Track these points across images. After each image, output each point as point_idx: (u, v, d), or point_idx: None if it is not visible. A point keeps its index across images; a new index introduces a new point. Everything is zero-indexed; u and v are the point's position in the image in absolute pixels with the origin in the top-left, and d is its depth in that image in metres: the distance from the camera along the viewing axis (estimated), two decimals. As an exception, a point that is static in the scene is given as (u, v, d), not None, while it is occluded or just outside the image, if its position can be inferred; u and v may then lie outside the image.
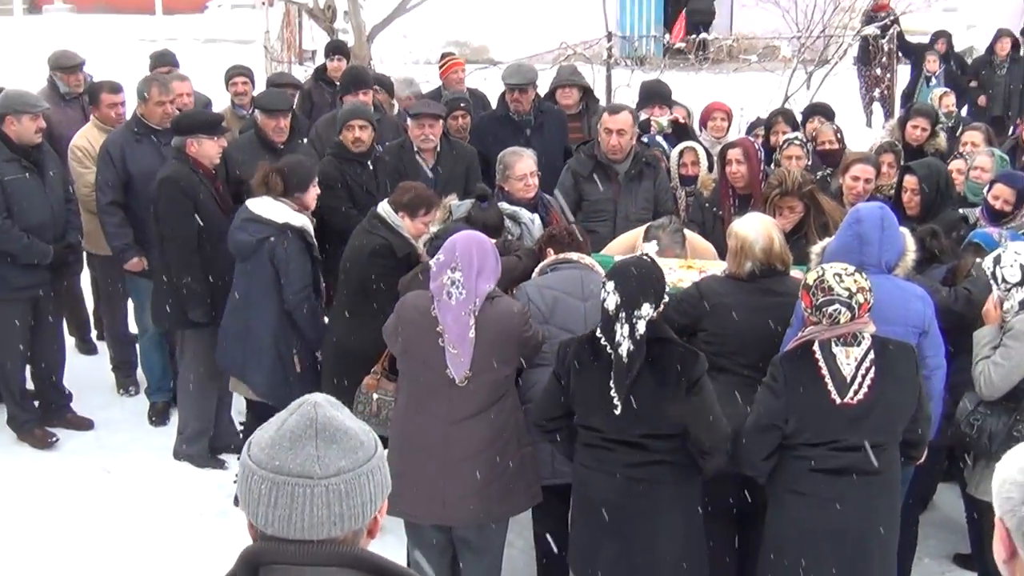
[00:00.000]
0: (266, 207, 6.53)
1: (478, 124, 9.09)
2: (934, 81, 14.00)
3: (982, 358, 5.42)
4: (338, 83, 10.15)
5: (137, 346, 8.47)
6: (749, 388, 5.18)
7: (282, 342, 6.64)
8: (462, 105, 9.08)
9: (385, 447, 2.89)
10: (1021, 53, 14.62)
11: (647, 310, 4.69)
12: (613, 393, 4.72)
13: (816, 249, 5.67)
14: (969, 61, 15.81)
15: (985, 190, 7.02)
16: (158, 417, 8.16)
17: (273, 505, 2.17)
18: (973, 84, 13.93)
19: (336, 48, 11.58)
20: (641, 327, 4.68)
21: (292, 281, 6.55)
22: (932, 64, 14.16)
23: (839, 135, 8.81)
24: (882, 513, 4.78)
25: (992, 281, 5.52)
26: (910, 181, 6.96)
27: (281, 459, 2.18)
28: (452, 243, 5.27)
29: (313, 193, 6.75)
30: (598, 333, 4.80)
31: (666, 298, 4.87)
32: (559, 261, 5.84)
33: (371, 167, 7.77)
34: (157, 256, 7.34)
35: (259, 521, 2.21)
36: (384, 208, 6.45)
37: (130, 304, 8.52)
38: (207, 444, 7.58)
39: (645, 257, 5.01)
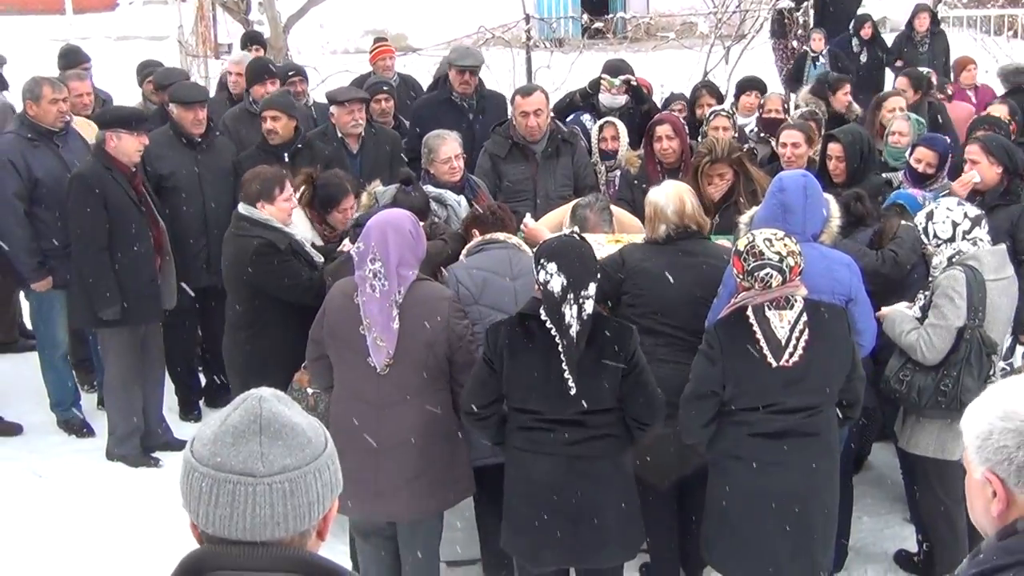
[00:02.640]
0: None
1: (419, 107, 9.06)
2: (821, 60, 13.90)
3: (912, 329, 5.46)
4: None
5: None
6: (675, 348, 5.28)
7: None
8: (385, 89, 9.02)
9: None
10: (940, 27, 14.62)
11: (592, 289, 4.70)
12: (567, 376, 4.69)
13: (744, 219, 5.70)
14: (887, 38, 15.74)
15: (907, 154, 7.11)
16: (78, 432, 7.91)
17: (214, 504, 2.08)
18: (899, 63, 13.87)
19: (252, 39, 11.42)
20: (588, 307, 4.68)
21: None
22: (817, 43, 14.07)
23: (785, 105, 8.86)
24: (822, 474, 4.81)
25: (923, 236, 5.58)
26: (835, 148, 7.00)
27: (223, 455, 2.09)
28: (368, 230, 5.14)
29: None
30: (541, 314, 4.73)
31: (599, 275, 4.88)
32: (486, 242, 5.80)
33: (288, 160, 7.57)
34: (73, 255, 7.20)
35: (200, 520, 2.12)
36: (244, 208, 6.28)
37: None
38: (139, 443, 7.46)
39: (575, 236, 4.98)
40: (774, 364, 4.69)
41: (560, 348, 4.70)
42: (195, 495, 2.11)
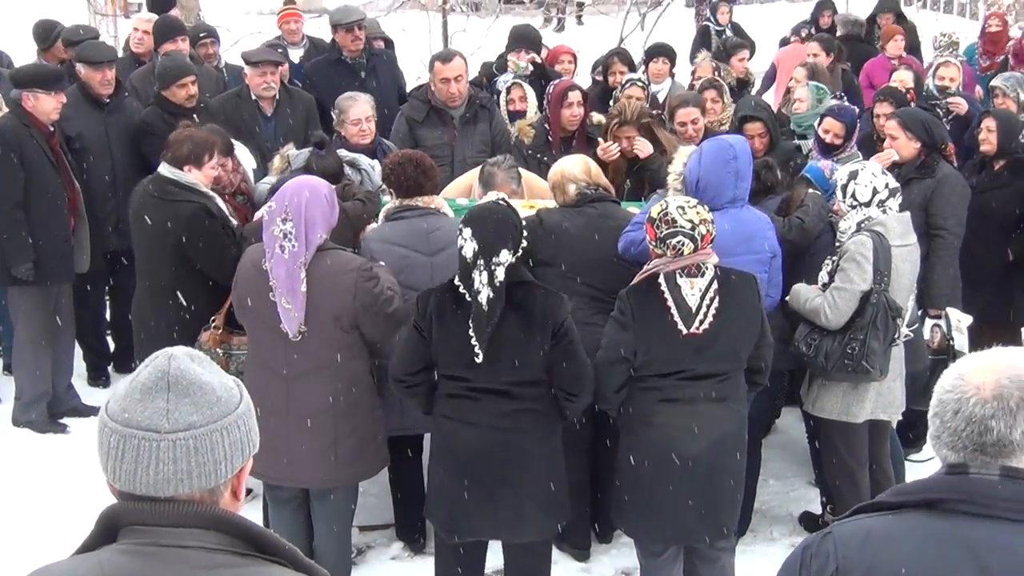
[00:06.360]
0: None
1: (310, 71, 8.97)
2: (728, 35, 13.69)
3: (815, 296, 5.56)
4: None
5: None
6: (594, 309, 5.39)
7: None
8: (279, 51, 8.93)
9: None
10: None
11: (505, 256, 4.66)
12: (474, 342, 4.67)
13: (675, 170, 5.74)
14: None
15: (816, 123, 7.19)
16: None
17: (120, 459, 2.10)
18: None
19: (163, -2, 11.14)
20: (500, 274, 4.64)
21: None
22: (723, 16, 13.80)
23: (716, 72, 8.99)
24: (731, 439, 4.89)
25: (839, 192, 5.67)
26: (755, 127, 6.95)
27: (131, 411, 2.10)
28: (283, 191, 5.08)
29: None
30: (456, 281, 4.75)
31: (524, 243, 4.84)
32: (404, 208, 5.70)
33: (196, 120, 7.35)
34: None
35: (109, 475, 2.14)
36: (170, 170, 6.03)
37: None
38: (46, 409, 7.35)
39: (501, 202, 4.97)
40: (684, 331, 4.75)
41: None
42: (104, 450, 2.14)
